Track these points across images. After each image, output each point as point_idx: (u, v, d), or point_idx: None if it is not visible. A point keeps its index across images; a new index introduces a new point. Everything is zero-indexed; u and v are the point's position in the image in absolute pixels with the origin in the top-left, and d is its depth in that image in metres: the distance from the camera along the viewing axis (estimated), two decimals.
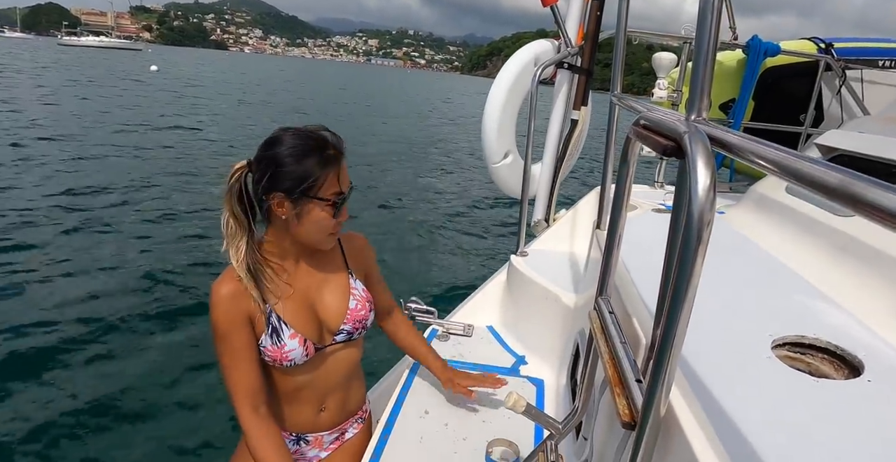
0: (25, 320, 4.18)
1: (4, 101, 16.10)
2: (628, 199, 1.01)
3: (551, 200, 2.80)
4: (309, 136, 1.25)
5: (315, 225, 1.28)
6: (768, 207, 1.77)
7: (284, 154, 1.21)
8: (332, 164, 1.25)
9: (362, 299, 1.46)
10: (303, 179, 1.22)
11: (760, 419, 0.74)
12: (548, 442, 1.21)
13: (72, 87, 22.17)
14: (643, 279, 1.18)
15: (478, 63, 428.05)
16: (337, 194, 1.27)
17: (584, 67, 2.65)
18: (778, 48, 3.54)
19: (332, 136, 1.29)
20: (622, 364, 0.85)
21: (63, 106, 16.32)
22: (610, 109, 1.74)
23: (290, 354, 1.33)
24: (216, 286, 1.27)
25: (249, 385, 1.29)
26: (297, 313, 1.35)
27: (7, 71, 26.41)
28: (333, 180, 1.25)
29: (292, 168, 1.21)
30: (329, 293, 1.41)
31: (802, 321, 1.05)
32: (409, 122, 21.62)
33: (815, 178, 0.47)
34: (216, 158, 10.94)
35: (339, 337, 1.42)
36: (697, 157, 0.63)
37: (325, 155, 1.24)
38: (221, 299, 1.26)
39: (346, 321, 1.42)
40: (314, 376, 1.43)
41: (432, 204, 9.05)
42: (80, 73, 31.13)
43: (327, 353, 1.42)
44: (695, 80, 0.75)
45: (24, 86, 19.40)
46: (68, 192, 7.59)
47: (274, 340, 1.31)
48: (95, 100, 18.80)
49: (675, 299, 0.64)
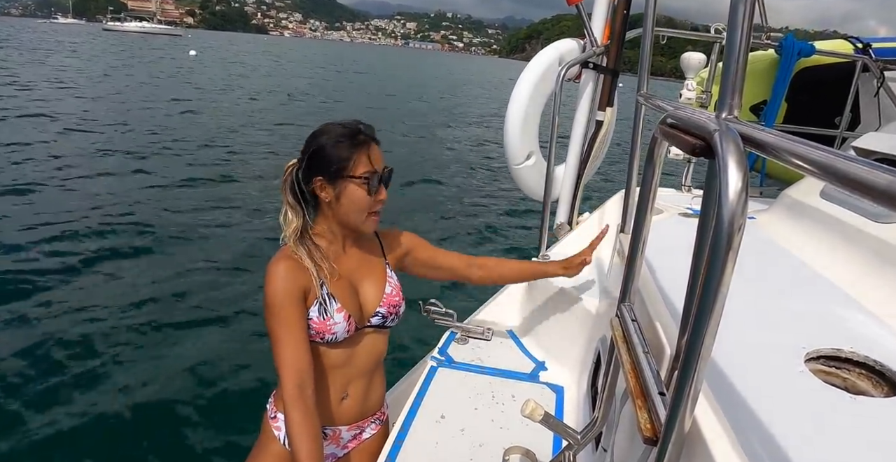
0: (81, 305, 4.27)
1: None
2: (653, 201, 0.97)
3: (574, 203, 2.74)
4: (342, 125, 1.43)
5: (353, 204, 1.41)
6: (802, 213, 1.70)
7: (322, 143, 1.40)
8: (363, 146, 1.40)
9: (396, 287, 1.58)
10: (337, 162, 1.38)
11: (792, 438, 0.70)
12: (566, 452, 1.17)
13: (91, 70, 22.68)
14: (668, 286, 1.13)
15: (516, 46, 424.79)
16: (370, 172, 1.40)
17: (609, 67, 2.59)
18: (812, 48, 3.44)
19: (363, 124, 1.45)
20: (644, 375, 0.81)
21: (91, 91, 16.65)
22: (636, 109, 1.68)
23: (335, 328, 1.41)
24: (273, 263, 1.39)
25: (298, 360, 1.34)
26: (342, 292, 1.46)
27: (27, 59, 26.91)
28: (365, 160, 1.40)
29: (328, 153, 1.38)
30: (368, 278, 1.54)
31: (838, 334, 1.00)
32: (434, 111, 21.52)
33: (860, 180, 0.43)
34: (260, 152, 11.03)
35: (374, 320, 1.52)
36: (729, 157, 0.59)
37: (356, 139, 1.40)
38: (279, 272, 1.37)
39: (382, 304, 1.53)
40: (345, 357, 1.48)
41: (453, 205, 9.00)
42: (114, 59, 31.70)
43: (362, 335, 1.51)
44: (726, 77, 0.71)
45: (34, 75, 19.70)
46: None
47: (321, 313, 1.40)
48: (121, 82, 19.17)
49: (702, 307, 0.60)
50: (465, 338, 2.09)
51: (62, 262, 5.21)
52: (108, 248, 5.69)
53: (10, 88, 15.80)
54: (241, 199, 7.82)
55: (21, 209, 6.53)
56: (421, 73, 55.71)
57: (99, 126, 11.89)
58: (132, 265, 5.35)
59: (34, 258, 5.25)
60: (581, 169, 2.69)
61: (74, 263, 5.21)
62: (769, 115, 3.47)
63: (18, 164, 8.39)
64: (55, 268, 5.09)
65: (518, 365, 1.97)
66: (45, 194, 7.16)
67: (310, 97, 21.95)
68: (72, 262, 5.24)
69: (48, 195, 7.15)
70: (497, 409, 1.68)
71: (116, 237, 5.98)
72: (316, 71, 39.54)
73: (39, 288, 4.63)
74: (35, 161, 8.66)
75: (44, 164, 8.55)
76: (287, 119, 15.40)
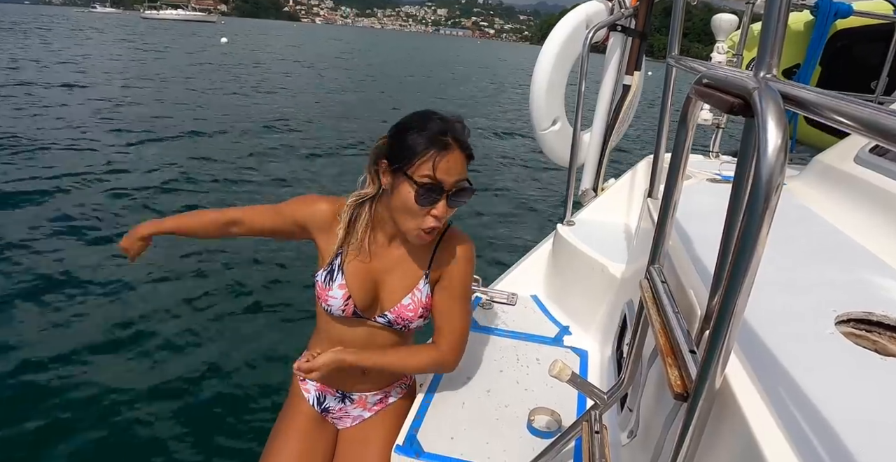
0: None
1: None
2: (686, 162, 0.96)
3: (600, 169, 2.72)
4: (440, 118, 1.30)
5: (403, 205, 1.28)
6: (835, 179, 1.67)
7: (406, 127, 1.29)
8: (438, 147, 1.25)
9: (418, 302, 1.45)
10: (404, 152, 1.26)
11: (821, 395, 0.71)
12: (592, 412, 1.19)
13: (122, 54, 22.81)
14: (697, 249, 1.13)
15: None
16: (430, 179, 1.25)
17: (638, 30, 2.54)
18: (850, 9, 3.30)
19: (459, 126, 1.31)
20: (675, 334, 0.82)
21: (120, 77, 16.76)
22: (666, 72, 1.65)
23: (331, 301, 1.42)
24: (320, 198, 1.46)
25: (242, 215, 1.53)
26: (358, 277, 1.42)
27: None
28: (431, 165, 1.24)
29: (404, 138, 1.27)
30: (396, 280, 1.46)
31: (870, 297, 0.99)
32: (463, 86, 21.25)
33: None
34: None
35: (380, 319, 1.47)
36: (768, 115, 0.59)
37: (436, 138, 1.25)
38: (311, 206, 1.44)
39: (392, 311, 1.45)
40: (357, 339, 1.48)
41: (478, 171, 8.95)
42: (143, 44, 31.83)
43: (371, 325, 1.48)
44: (766, 35, 0.70)
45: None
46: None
47: (326, 280, 1.41)
48: (152, 67, 19.29)
49: (737, 266, 0.61)
50: (490, 303, 2.11)
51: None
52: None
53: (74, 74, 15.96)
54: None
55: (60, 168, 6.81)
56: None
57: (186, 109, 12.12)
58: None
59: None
60: (607, 134, 2.66)
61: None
62: (802, 80, 3.37)
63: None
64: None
65: (542, 329, 2.00)
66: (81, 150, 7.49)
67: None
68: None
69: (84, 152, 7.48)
70: (522, 372, 1.71)
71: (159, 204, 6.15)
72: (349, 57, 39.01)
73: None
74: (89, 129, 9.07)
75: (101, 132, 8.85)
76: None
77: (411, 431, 1.41)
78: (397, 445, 1.36)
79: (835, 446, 0.63)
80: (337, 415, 1.59)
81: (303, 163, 8.64)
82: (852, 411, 0.68)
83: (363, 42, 64.87)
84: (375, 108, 14.60)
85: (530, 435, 1.44)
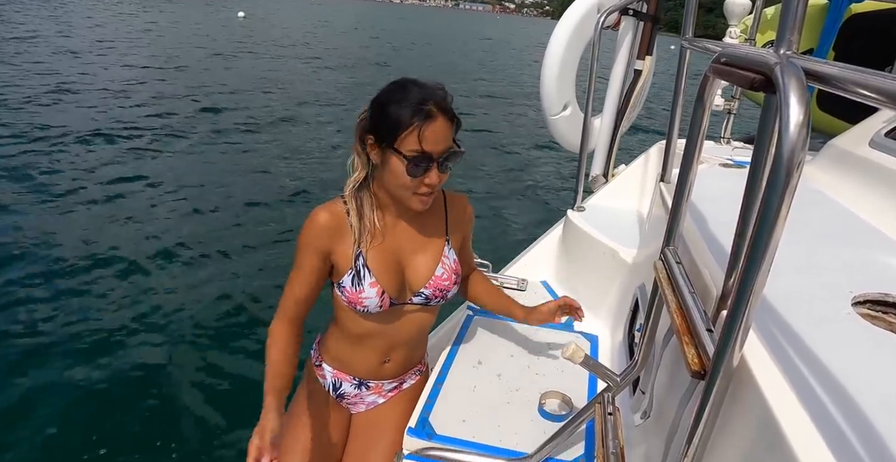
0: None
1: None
2: (702, 142, 0.96)
3: (610, 155, 2.71)
4: (418, 86, 1.25)
5: (394, 179, 1.27)
6: (849, 163, 1.66)
7: (386, 99, 1.24)
8: (421, 118, 1.21)
9: (450, 269, 1.46)
10: (389, 126, 1.22)
11: (838, 374, 0.71)
12: (604, 394, 1.20)
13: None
14: (712, 231, 1.13)
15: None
16: (417, 152, 1.22)
17: (650, 14, 2.51)
18: None
19: (440, 92, 1.26)
20: (691, 313, 0.82)
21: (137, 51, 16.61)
22: (680, 55, 1.64)
23: (366, 301, 1.36)
24: (318, 210, 1.35)
25: (295, 301, 1.39)
26: (383, 265, 1.38)
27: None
28: (416, 137, 1.21)
29: (386, 111, 1.23)
30: (420, 255, 1.44)
31: (886, 279, 0.99)
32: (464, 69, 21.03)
33: None
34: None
35: (416, 299, 1.44)
36: (791, 90, 0.58)
37: (419, 108, 1.21)
38: (316, 223, 1.34)
39: (428, 286, 1.44)
40: (385, 328, 1.46)
41: (489, 156, 8.92)
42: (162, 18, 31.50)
43: (402, 310, 1.45)
44: (786, 12, 0.69)
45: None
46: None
47: (355, 283, 1.36)
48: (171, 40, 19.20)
49: (756, 243, 0.61)
50: (501, 288, 2.11)
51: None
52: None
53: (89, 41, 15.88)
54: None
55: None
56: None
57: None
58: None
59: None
60: (618, 120, 2.64)
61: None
62: None
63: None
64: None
65: None
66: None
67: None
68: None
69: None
70: (532, 357, 1.71)
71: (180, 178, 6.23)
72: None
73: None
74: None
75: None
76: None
77: (423, 414, 1.42)
78: (410, 428, 1.37)
79: (854, 423, 0.63)
80: (352, 400, 1.60)
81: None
82: (870, 390, 0.68)
83: (389, 18, 63.70)
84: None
85: (542, 418, 1.45)
